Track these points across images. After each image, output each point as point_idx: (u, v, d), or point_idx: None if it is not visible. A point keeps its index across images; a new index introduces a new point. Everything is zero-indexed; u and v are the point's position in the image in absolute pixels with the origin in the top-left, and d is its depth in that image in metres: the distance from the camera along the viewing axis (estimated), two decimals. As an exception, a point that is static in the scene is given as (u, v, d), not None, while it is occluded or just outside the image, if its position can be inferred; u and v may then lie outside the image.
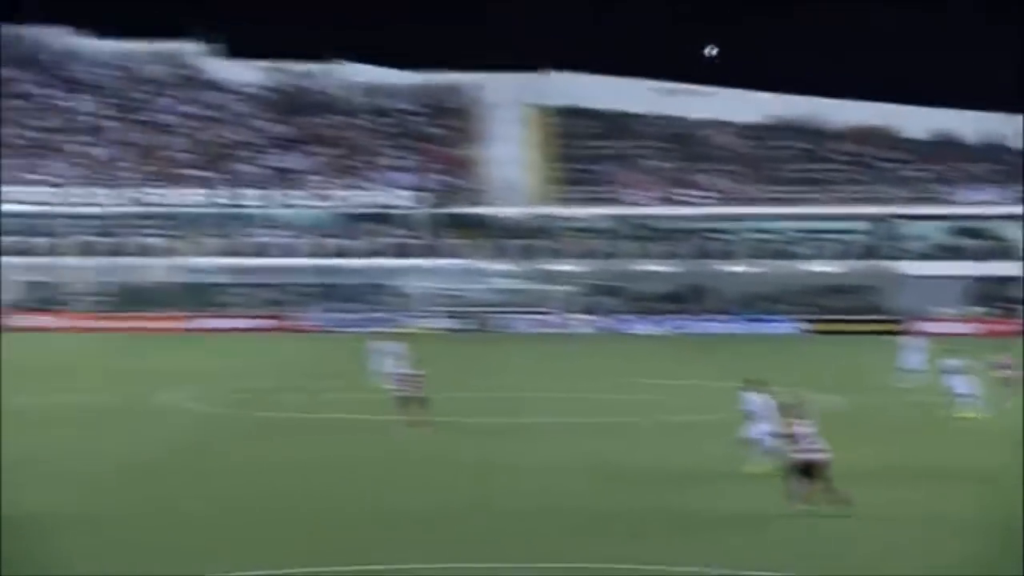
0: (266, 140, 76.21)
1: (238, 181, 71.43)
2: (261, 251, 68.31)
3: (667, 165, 74.66)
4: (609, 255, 69.19)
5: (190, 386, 35.50)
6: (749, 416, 21.11)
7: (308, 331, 63.43)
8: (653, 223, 70.86)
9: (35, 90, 78.61)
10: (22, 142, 73.74)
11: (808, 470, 17.07)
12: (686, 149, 75.96)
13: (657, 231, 70.67)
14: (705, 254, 69.02)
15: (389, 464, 22.42)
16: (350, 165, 74.19)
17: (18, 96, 77.61)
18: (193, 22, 78.82)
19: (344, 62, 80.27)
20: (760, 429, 20.63)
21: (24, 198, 68.32)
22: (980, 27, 79.78)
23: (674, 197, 71.95)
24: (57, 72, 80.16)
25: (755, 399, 21.11)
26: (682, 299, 68.88)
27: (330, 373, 40.22)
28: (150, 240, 68.31)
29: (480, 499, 19.07)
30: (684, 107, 77.44)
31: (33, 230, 67.58)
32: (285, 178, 72.33)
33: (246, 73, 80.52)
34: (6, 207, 67.27)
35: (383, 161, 74.79)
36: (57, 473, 21.13)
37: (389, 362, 32.09)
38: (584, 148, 74.72)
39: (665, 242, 69.99)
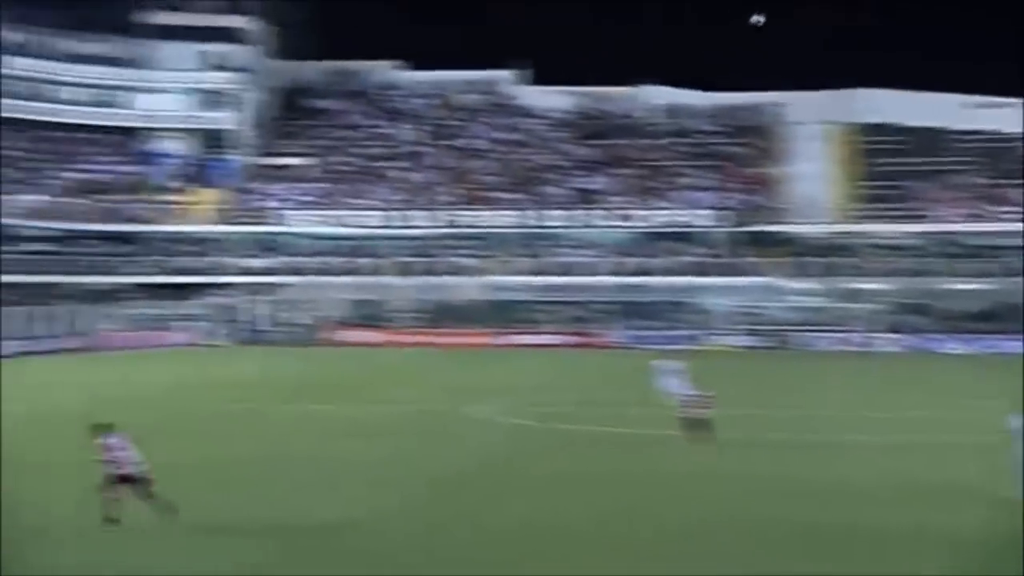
0: (571, 163, 78.74)
1: (544, 203, 74.19)
2: (566, 270, 70.59)
3: (977, 180, 72.04)
4: (916, 273, 67.42)
5: (498, 399, 37.44)
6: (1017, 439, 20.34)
7: (610, 347, 65.06)
8: (962, 240, 68.58)
9: (362, 121, 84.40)
10: (350, 169, 79.52)
11: None
12: (997, 164, 72.96)
13: (967, 248, 68.30)
14: (1020, 271, 66.13)
15: (683, 479, 22.76)
16: (651, 186, 75.57)
17: (347, 127, 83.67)
18: (504, 53, 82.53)
19: (647, 86, 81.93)
20: None
21: (351, 221, 73.67)
22: None
23: (985, 213, 69.37)
24: (381, 103, 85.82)
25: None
26: (996, 318, 66.15)
27: (629, 388, 40.84)
28: (463, 260, 71.95)
29: (774, 514, 19.24)
30: (995, 120, 74.38)
31: (358, 251, 72.59)
32: (589, 199, 74.54)
33: (553, 99, 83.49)
34: (337, 230, 72.87)
35: (684, 181, 75.78)
36: (377, 480, 22.58)
37: (673, 381, 32.60)
38: (889, 164, 73.05)
39: (975, 259, 67.50)
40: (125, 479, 18.05)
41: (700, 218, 71.99)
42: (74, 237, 70.12)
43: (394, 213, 73.85)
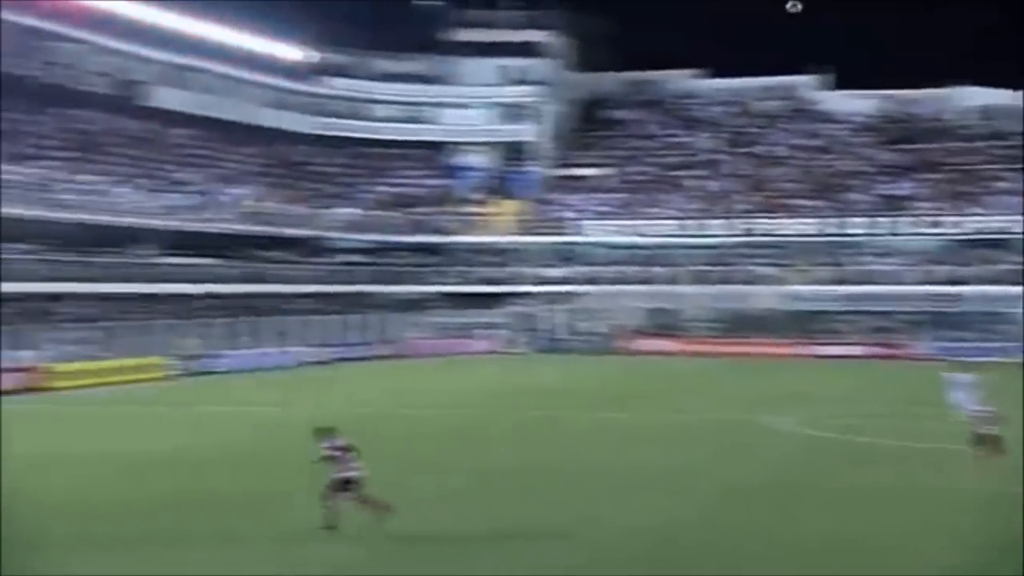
0: (875, 168, 76.16)
1: (847, 210, 72.03)
2: (868, 278, 68.25)
3: None
4: None
5: (796, 410, 36.80)
6: None
7: (917, 359, 62.37)
8: None
9: (659, 130, 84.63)
10: (646, 179, 79.86)
11: None
12: None
13: None
14: None
15: (979, 496, 21.95)
16: (963, 191, 72.01)
17: (644, 137, 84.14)
18: (804, 57, 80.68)
19: (958, 87, 78.13)
20: None
21: (647, 231, 73.96)
22: None
23: None
24: (678, 112, 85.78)
25: None
26: None
27: (933, 401, 39.31)
28: (760, 268, 70.88)
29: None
30: None
31: (654, 260, 72.73)
32: (895, 206, 71.80)
33: (856, 103, 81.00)
34: (633, 239, 73.33)
35: (1000, 185, 71.76)
36: (673, 489, 22.74)
37: (961, 395, 31.12)
38: None
39: None
40: (347, 483, 18.24)
41: (1019, 224, 67.94)
42: (384, 248, 73.59)
43: (690, 222, 73.58)
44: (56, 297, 50.86)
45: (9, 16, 60.58)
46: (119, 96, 67.17)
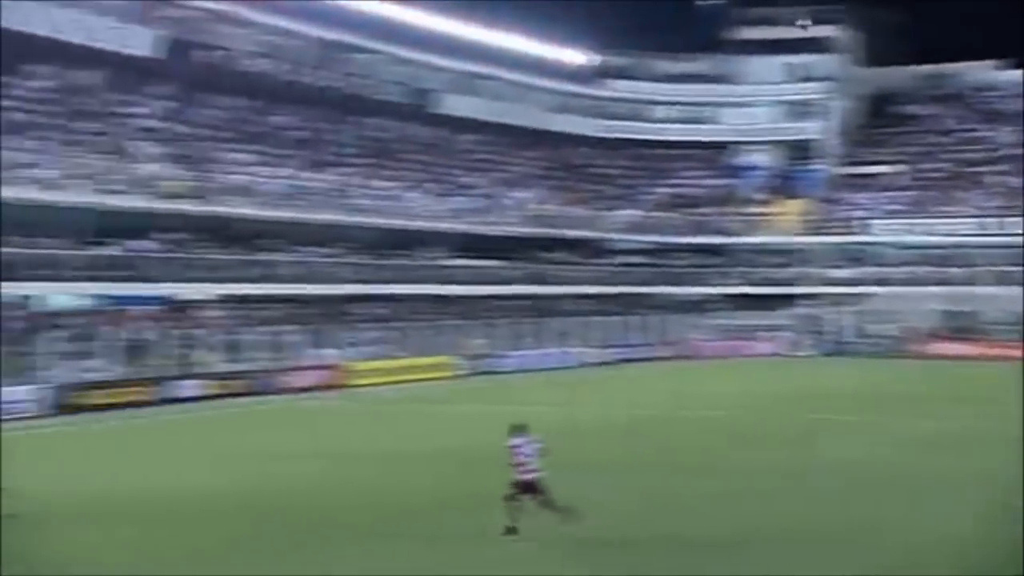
0: None
1: None
2: None
3: None
4: None
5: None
6: None
7: None
8: None
9: (955, 125, 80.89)
10: (941, 175, 76.41)
11: None
12: None
13: None
14: None
15: None
16: None
17: (938, 132, 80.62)
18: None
19: None
20: None
21: (941, 230, 70.73)
22: None
23: None
24: (977, 106, 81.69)
25: None
26: None
27: None
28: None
29: None
30: None
31: (949, 260, 69.45)
32: None
33: None
34: (926, 239, 70.30)
35: None
36: (960, 496, 21.95)
37: None
38: None
39: None
40: (527, 486, 17.29)
41: None
42: (665, 250, 73.46)
43: (990, 220, 69.88)
44: (353, 298, 53.48)
45: (314, 30, 64.26)
46: (412, 104, 69.97)
